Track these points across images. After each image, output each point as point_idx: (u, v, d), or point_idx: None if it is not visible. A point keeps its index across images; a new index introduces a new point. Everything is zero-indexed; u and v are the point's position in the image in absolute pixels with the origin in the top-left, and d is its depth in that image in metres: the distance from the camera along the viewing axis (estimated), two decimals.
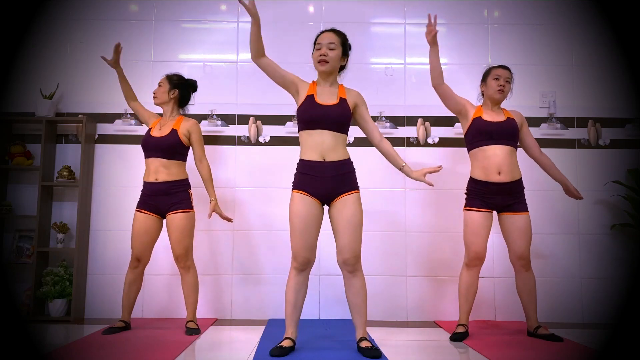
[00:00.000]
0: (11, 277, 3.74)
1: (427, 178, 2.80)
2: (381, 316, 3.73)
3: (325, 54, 2.71)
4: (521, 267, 3.11)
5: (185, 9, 4.02)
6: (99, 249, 3.79)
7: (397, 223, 3.83)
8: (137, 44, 3.97)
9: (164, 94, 3.36)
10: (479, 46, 4.00)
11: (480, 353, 2.72)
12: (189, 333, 3.13)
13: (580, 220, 3.85)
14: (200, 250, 3.71)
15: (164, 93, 3.36)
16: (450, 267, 3.76)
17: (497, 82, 3.16)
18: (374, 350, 2.57)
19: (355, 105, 2.79)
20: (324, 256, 3.59)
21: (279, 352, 2.55)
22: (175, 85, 3.38)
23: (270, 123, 3.90)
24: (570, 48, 4.01)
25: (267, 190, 3.84)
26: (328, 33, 2.77)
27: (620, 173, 3.87)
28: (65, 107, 3.91)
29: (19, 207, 3.85)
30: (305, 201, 2.64)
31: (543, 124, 3.91)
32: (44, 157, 3.71)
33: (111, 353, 2.61)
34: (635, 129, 3.91)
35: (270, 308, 3.74)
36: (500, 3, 4.06)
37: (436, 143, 3.90)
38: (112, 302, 3.68)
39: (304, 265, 2.66)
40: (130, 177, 3.81)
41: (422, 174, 2.80)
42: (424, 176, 2.80)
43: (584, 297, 3.78)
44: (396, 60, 4.00)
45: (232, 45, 4.00)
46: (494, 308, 3.77)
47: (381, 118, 3.88)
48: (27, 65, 3.93)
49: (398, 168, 2.81)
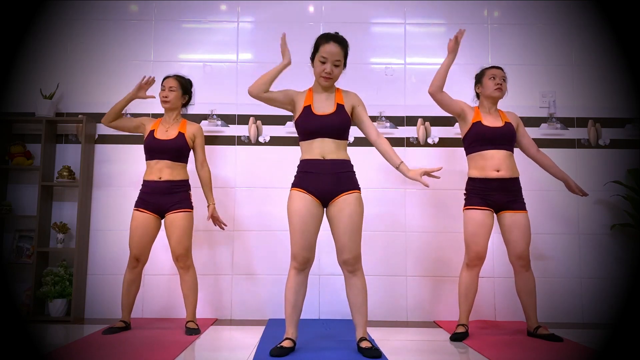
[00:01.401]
0: (11, 277, 3.74)
1: (424, 179, 2.70)
2: (381, 316, 3.73)
3: (331, 72, 2.68)
4: (521, 267, 3.11)
5: (185, 9, 4.02)
6: (99, 249, 3.79)
7: (397, 223, 3.83)
8: (137, 44, 3.97)
9: (178, 99, 3.35)
10: (479, 46, 4.00)
11: (480, 353, 2.72)
12: (188, 333, 3.13)
13: (580, 220, 3.85)
14: (199, 250, 3.71)
15: (178, 99, 3.34)
16: (450, 267, 3.76)
17: (493, 82, 3.17)
18: (374, 350, 2.56)
19: (352, 107, 2.78)
20: (324, 256, 3.59)
21: (279, 352, 2.55)
22: (186, 90, 3.39)
23: (270, 123, 3.90)
24: (570, 48, 4.02)
25: (266, 190, 3.84)
26: (334, 46, 2.67)
27: (620, 173, 3.87)
28: (65, 107, 3.91)
29: (19, 207, 3.85)
30: (305, 199, 2.64)
31: (543, 124, 3.91)
32: (44, 157, 3.71)
33: (111, 353, 2.61)
34: (635, 129, 3.91)
35: (270, 308, 3.74)
36: (500, 3, 4.06)
37: (436, 143, 3.90)
38: (112, 302, 3.68)
39: (304, 264, 2.66)
40: (130, 177, 3.81)
41: (419, 173, 2.70)
42: (421, 176, 2.70)
43: (584, 297, 3.78)
44: (396, 60, 4.00)
45: (232, 45, 4.00)
46: (494, 308, 3.77)
47: (381, 118, 3.89)
48: (27, 65, 3.93)
49: (394, 167, 2.73)
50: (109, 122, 3.31)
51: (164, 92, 3.32)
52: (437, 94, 3.11)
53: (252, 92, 2.70)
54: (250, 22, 4.03)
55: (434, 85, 3.10)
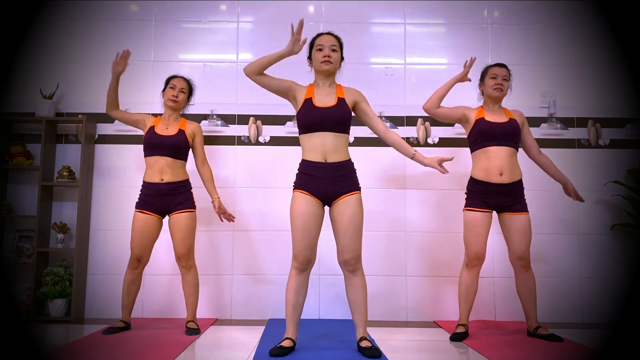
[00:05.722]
0: (11, 277, 3.74)
1: (441, 166, 2.75)
2: (381, 316, 3.73)
3: (329, 55, 2.72)
4: (521, 268, 3.11)
5: (185, 9, 4.02)
6: (99, 249, 3.79)
7: (397, 223, 3.83)
8: (137, 44, 3.96)
9: (185, 101, 3.37)
10: (479, 46, 4.00)
11: (480, 353, 2.72)
12: (189, 333, 3.13)
13: (580, 220, 3.85)
14: (200, 250, 3.70)
15: (185, 101, 3.36)
16: (450, 267, 3.76)
17: (494, 81, 3.17)
18: (374, 350, 2.57)
19: (355, 102, 2.80)
20: (324, 256, 3.59)
21: (279, 352, 2.55)
22: (191, 93, 3.41)
23: (270, 123, 3.90)
24: (570, 48, 4.02)
25: (267, 190, 3.84)
26: (328, 36, 2.77)
27: (620, 173, 3.87)
28: (65, 107, 3.91)
29: (19, 207, 3.85)
30: (307, 201, 2.64)
31: (543, 124, 3.91)
32: (44, 157, 3.71)
33: (111, 353, 2.61)
34: (635, 129, 3.91)
35: (270, 308, 3.74)
36: (500, 3, 4.06)
37: (436, 143, 3.90)
38: (112, 302, 3.68)
39: (305, 265, 2.66)
40: (130, 177, 3.82)
41: (436, 160, 2.75)
42: (438, 163, 2.74)
43: (584, 297, 3.78)
44: (396, 60, 4.00)
45: (232, 45, 4.00)
46: (494, 308, 3.77)
47: (381, 118, 3.88)
48: (27, 65, 3.93)
49: (409, 156, 2.78)
50: (111, 110, 3.34)
51: (173, 91, 3.30)
52: (432, 109, 3.19)
53: (246, 71, 2.74)
54: (250, 22, 4.03)
55: (431, 102, 3.18)
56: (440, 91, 3.19)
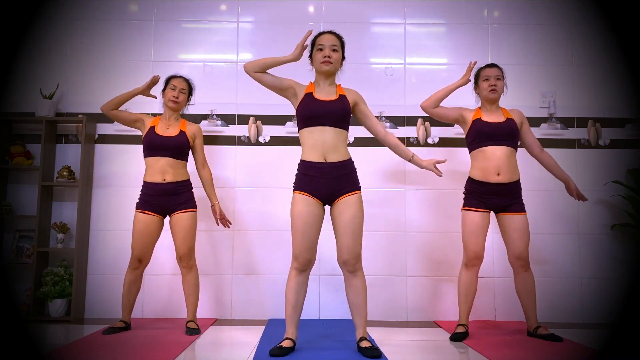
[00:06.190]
0: (11, 277, 3.74)
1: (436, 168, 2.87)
2: (381, 316, 3.73)
3: (330, 55, 2.72)
4: (520, 267, 3.11)
5: (185, 9, 4.02)
6: (99, 249, 3.79)
7: (397, 223, 3.83)
8: (137, 44, 3.96)
9: (185, 101, 3.36)
10: (479, 46, 4.00)
11: (480, 353, 2.72)
12: (189, 333, 3.13)
13: (580, 220, 3.85)
14: (200, 250, 3.70)
15: (185, 101, 3.36)
16: (450, 267, 3.76)
17: (487, 83, 3.17)
18: (374, 350, 2.57)
19: (354, 103, 2.80)
20: (324, 256, 3.59)
21: (279, 352, 2.55)
22: (191, 93, 3.41)
23: (270, 123, 3.90)
24: (570, 48, 4.02)
25: (266, 190, 3.84)
26: (329, 35, 2.77)
27: (620, 173, 3.87)
28: (65, 107, 3.91)
29: (19, 207, 3.85)
30: (307, 202, 2.64)
31: (543, 124, 3.91)
32: (44, 157, 3.71)
33: (111, 353, 2.61)
34: (635, 129, 3.91)
35: (270, 308, 3.74)
36: (500, 3, 4.06)
37: (436, 143, 3.90)
38: (112, 302, 3.68)
39: (305, 265, 2.66)
40: (130, 177, 3.81)
41: (432, 163, 2.87)
42: (433, 165, 2.86)
43: (584, 297, 3.78)
44: (396, 60, 4.00)
45: (232, 45, 4.00)
46: (494, 308, 3.77)
47: (381, 118, 3.89)
48: (27, 65, 3.93)
49: (407, 159, 2.85)
50: (110, 109, 3.27)
51: (174, 91, 3.29)
52: (429, 109, 3.22)
53: (246, 67, 2.76)
54: (250, 22, 4.03)
55: (430, 102, 3.21)
56: (440, 94, 3.20)
